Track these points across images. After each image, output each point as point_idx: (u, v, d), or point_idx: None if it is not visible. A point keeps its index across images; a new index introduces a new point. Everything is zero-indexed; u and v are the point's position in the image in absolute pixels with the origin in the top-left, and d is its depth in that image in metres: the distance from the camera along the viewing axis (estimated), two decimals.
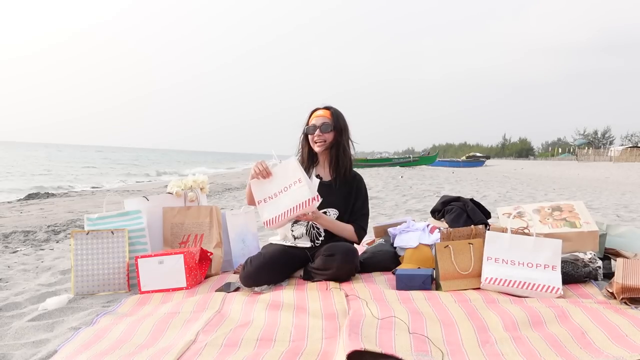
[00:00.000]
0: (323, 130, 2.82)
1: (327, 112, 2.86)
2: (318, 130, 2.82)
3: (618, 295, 2.14)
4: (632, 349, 1.64)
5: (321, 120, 2.83)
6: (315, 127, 2.83)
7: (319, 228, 2.84)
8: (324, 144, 2.84)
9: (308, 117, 2.91)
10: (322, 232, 2.84)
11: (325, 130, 2.82)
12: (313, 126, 2.84)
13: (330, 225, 2.81)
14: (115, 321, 2.24)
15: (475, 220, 2.88)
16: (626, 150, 45.06)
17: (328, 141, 2.85)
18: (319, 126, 2.82)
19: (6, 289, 2.95)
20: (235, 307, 2.30)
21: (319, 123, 2.83)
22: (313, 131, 2.84)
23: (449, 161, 36.90)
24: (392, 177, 13.71)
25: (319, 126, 2.82)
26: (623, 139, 67.21)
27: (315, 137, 2.83)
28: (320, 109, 2.89)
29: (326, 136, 2.83)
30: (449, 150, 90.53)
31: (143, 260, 2.76)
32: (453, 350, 1.73)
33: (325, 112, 2.86)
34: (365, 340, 1.73)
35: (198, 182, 3.35)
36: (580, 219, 2.64)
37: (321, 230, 2.84)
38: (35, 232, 5.57)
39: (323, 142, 2.84)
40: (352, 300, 2.31)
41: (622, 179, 17.58)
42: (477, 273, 2.45)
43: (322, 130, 2.82)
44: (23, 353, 1.94)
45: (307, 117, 2.91)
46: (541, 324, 1.92)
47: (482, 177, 14.87)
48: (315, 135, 2.83)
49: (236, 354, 1.76)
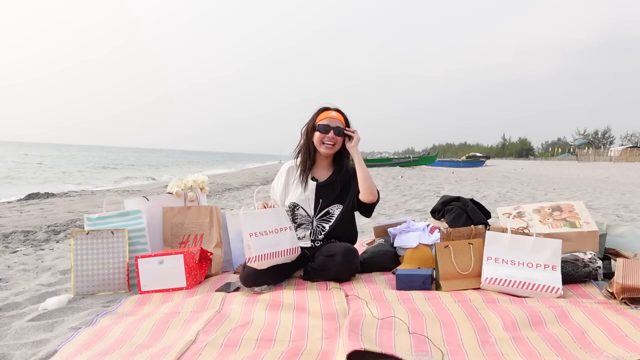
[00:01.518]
0: (337, 133, 2.76)
1: (341, 116, 2.80)
2: (332, 132, 2.76)
3: (618, 295, 2.14)
4: (632, 349, 1.64)
5: (336, 123, 2.77)
6: (329, 127, 2.76)
7: (324, 227, 2.83)
8: (332, 147, 2.79)
9: (316, 114, 2.82)
10: (327, 228, 2.82)
11: (339, 134, 2.77)
12: (326, 126, 2.76)
13: (361, 163, 2.77)
14: (115, 321, 2.24)
15: (475, 220, 2.88)
16: (626, 150, 45.05)
17: (337, 145, 2.81)
18: (333, 127, 2.75)
19: (6, 289, 2.95)
20: (235, 307, 2.30)
21: (334, 125, 2.76)
22: (326, 131, 2.76)
23: (449, 161, 36.89)
24: (392, 177, 13.71)
25: (333, 128, 2.76)
26: (623, 139, 67.26)
27: (327, 137, 2.77)
28: (331, 110, 2.81)
29: (338, 140, 2.79)
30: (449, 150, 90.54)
31: (143, 260, 2.75)
32: (453, 350, 1.73)
33: (339, 115, 2.80)
34: (365, 340, 1.73)
35: (198, 182, 3.35)
36: (580, 219, 2.64)
37: (326, 227, 2.82)
38: (35, 232, 5.57)
39: (332, 145, 2.79)
40: (352, 300, 2.31)
41: (622, 179, 17.58)
42: (477, 273, 2.45)
43: (337, 133, 2.76)
44: (23, 353, 1.95)
45: (315, 115, 2.83)
46: (541, 324, 1.92)
47: (482, 177, 14.86)
48: (328, 136, 2.76)
49: (236, 354, 1.76)
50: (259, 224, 2.57)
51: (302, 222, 2.83)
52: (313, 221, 2.83)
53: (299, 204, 2.83)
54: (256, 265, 2.51)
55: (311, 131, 2.83)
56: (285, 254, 2.59)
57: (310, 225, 2.83)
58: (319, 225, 2.83)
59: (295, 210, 2.84)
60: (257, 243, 2.52)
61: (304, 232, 2.83)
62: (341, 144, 2.82)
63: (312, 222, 2.83)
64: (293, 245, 2.63)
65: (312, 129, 2.82)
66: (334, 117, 2.78)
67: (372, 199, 2.80)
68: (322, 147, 2.79)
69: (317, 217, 2.83)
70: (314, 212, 2.82)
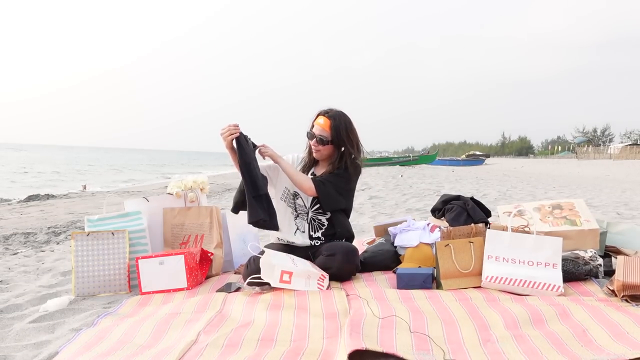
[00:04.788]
0: (319, 142, 2.79)
1: (327, 124, 2.76)
2: (315, 140, 2.80)
3: (619, 292, 2.14)
4: (633, 346, 1.64)
5: (319, 131, 2.78)
6: (313, 135, 2.80)
7: (321, 219, 2.84)
8: (318, 153, 2.83)
9: (313, 118, 2.85)
10: (325, 223, 2.84)
11: (321, 143, 2.78)
12: (312, 134, 2.81)
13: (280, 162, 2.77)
14: (116, 322, 2.24)
15: (476, 219, 2.88)
16: (626, 148, 45.06)
17: (325, 153, 2.82)
18: (316, 136, 2.79)
19: (7, 290, 2.95)
20: (236, 307, 2.30)
21: (317, 133, 2.78)
22: (311, 138, 2.82)
23: (449, 160, 36.88)
24: (392, 176, 13.70)
25: (317, 137, 2.78)
26: (622, 137, 67.21)
27: (312, 144, 2.82)
28: (322, 116, 2.80)
29: (321, 148, 2.80)
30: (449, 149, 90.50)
31: (144, 261, 2.76)
32: (454, 348, 1.73)
33: (326, 122, 2.77)
34: (366, 339, 1.73)
35: (198, 182, 3.35)
36: (580, 217, 2.64)
37: (323, 220, 2.84)
38: (36, 233, 5.58)
39: (318, 152, 2.83)
40: (353, 299, 2.31)
41: (622, 176, 17.58)
42: (478, 272, 2.45)
43: (319, 142, 2.79)
44: (24, 355, 1.94)
45: (313, 119, 2.85)
46: (542, 322, 1.92)
47: (482, 176, 14.87)
48: (312, 144, 2.82)
49: (237, 354, 1.76)
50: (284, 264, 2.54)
51: (300, 212, 2.87)
52: (309, 212, 2.86)
53: (299, 194, 2.86)
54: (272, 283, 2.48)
55: (308, 134, 2.88)
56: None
57: (306, 215, 2.86)
58: (314, 217, 2.85)
59: (296, 200, 2.87)
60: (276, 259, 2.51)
61: (302, 222, 2.86)
62: (329, 152, 2.82)
63: (307, 213, 2.86)
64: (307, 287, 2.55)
65: (306, 135, 2.88)
66: (320, 125, 2.79)
67: (309, 194, 2.78)
68: (314, 154, 2.85)
69: (312, 209, 2.86)
70: (310, 204, 2.86)
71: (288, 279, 2.47)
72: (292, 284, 2.47)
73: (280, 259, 2.53)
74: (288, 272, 2.48)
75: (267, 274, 2.47)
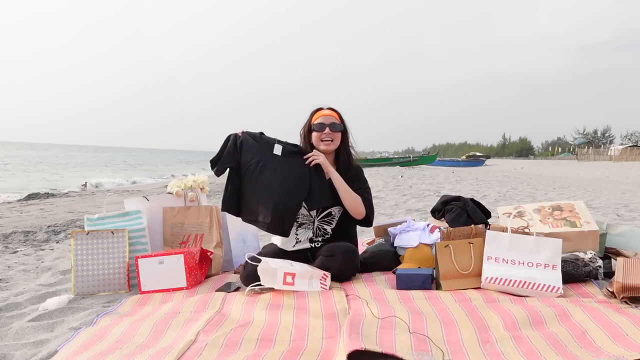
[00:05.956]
0: (333, 129, 2.79)
1: (335, 113, 2.84)
2: (328, 129, 2.78)
3: (618, 294, 2.14)
4: (632, 348, 1.64)
5: (330, 120, 2.80)
6: (323, 125, 2.79)
7: (326, 229, 2.82)
8: (331, 142, 2.80)
9: (310, 116, 2.86)
10: (329, 232, 2.82)
11: (335, 129, 2.79)
12: (321, 124, 2.79)
13: (338, 181, 2.74)
14: (115, 321, 2.24)
15: (476, 220, 2.88)
16: (626, 149, 45.03)
17: (336, 141, 2.82)
18: (328, 125, 2.78)
19: (6, 289, 2.95)
20: (236, 307, 2.30)
21: (328, 122, 2.79)
22: (321, 129, 2.79)
23: (449, 161, 36.90)
24: (392, 176, 13.72)
25: (328, 125, 2.78)
26: (623, 138, 67.22)
27: (323, 135, 2.79)
28: (325, 109, 2.85)
29: (335, 135, 2.80)
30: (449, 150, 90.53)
31: (143, 260, 2.76)
32: (453, 349, 1.73)
33: (332, 112, 2.84)
34: (365, 339, 1.73)
35: (198, 182, 3.35)
36: (580, 219, 2.64)
37: (328, 229, 2.82)
38: (36, 232, 5.57)
39: (330, 141, 2.79)
40: (352, 299, 2.31)
41: (622, 178, 17.58)
42: (478, 272, 2.45)
43: (332, 129, 2.79)
44: (23, 353, 1.94)
45: (310, 116, 2.87)
46: (542, 323, 1.92)
47: (482, 177, 14.86)
48: (324, 133, 2.79)
49: (237, 354, 1.76)
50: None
51: (303, 221, 2.81)
52: (315, 221, 2.82)
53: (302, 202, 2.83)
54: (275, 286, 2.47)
55: (308, 133, 2.86)
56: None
57: (312, 225, 2.82)
58: (320, 227, 2.82)
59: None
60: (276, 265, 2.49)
61: (305, 232, 2.82)
62: (340, 139, 2.83)
63: (313, 222, 2.82)
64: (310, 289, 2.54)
65: (309, 130, 2.85)
66: (327, 115, 2.82)
67: (358, 217, 2.80)
68: (322, 145, 2.81)
69: (319, 217, 2.82)
70: (316, 212, 2.81)
71: (291, 281, 2.46)
72: (296, 285, 2.46)
73: (278, 262, 2.52)
74: (290, 273, 2.47)
75: (269, 280, 2.46)
